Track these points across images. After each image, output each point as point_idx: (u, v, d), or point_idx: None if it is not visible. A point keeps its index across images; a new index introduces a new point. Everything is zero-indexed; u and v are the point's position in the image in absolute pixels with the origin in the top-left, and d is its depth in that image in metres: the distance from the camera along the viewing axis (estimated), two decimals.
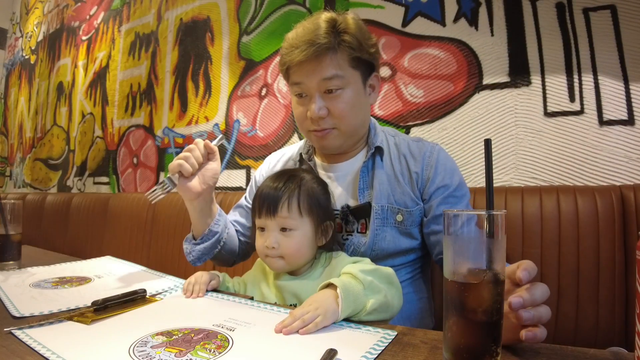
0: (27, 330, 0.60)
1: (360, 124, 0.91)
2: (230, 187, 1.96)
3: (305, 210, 0.79)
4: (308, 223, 0.79)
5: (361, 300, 0.65)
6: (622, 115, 1.12)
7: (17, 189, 3.66)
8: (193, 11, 2.26)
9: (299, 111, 0.90)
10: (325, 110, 0.85)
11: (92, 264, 1.16)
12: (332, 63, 0.83)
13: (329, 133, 0.88)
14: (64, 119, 3.16)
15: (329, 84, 0.84)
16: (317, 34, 0.82)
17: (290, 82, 0.90)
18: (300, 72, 0.86)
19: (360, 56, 0.85)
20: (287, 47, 0.87)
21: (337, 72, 0.83)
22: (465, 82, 1.36)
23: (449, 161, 0.92)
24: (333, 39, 0.83)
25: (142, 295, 0.78)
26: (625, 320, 0.93)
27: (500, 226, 0.46)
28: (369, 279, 0.68)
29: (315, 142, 0.93)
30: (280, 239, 0.78)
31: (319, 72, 0.83)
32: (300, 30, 0.85)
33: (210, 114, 2.10)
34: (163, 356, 0.51)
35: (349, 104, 0.86)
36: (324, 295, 0.64)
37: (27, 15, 3.94)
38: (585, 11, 1.18)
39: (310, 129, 0.89)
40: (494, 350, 0.46)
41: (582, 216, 0.99)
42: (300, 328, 0.58)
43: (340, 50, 0.83)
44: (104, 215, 2.21)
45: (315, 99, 0.85)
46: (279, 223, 0.78)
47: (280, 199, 0.78)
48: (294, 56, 0.84)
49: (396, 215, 0.88)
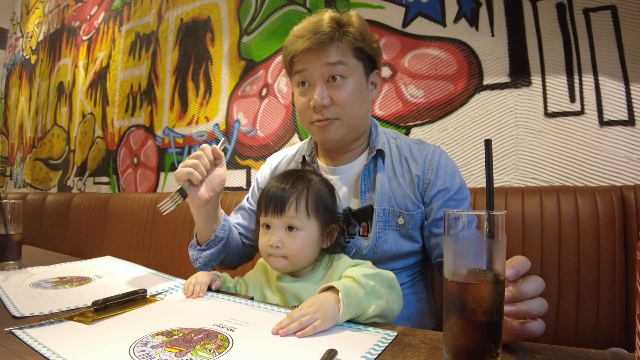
0: (28, 330, 0.60)
1: (363, 117, 0.91)
2: (230, 187, 1.97)
3: (313, 212, 0.78)
4: (314, 224, 0.78)
5: (363, 306, 0.63)
6: (623, 116, 1.12)
7: (17, 189, 3.66)
8: (193, 11, 2.26)
9: (301, 102, 0.90)
10: (328, 99, 0.85)
11: (93, 264, 1.16)
12: (337, 50, 0.84)
13: (331, 123, 0.87)
14: (65, 119, 3.16)
15: (332, 69, 0.84)
16: (321, 24, 0.84)
17: (294, 71, 0.90)
18: (304, 59, 0.86)
19: (363, 47, 0.87)
20: (291, 38, 0.88)
21: (341, 59, 0.84)
22: (466, 82, 1.36)
23: (450, 164, 0.91)
24: (337, 29, 0.85)
25: (142, 295, 0.78)
26: (625, 320, 0.93)
27: (500, 226, 0.46)
28: (371, 284, 0.66)
29: (317, 134, 0.91)
30: (285, 238, 0.77)
31: (323, 57, 0.84)
32: (306, 23, 0.88)
33: (211, 114, 2.10)
34: (163, 356, 0.51)
35: (352, 93, 0.86)
36: (324, 298, 0.63)
37: (27, 15, 3.94)
38: (586, 11, 1.18)
39: (312, 119, 0.88)
40: (494, 350, 0.46)
41: (583, 217, 0.99)
42: (297, 330, 0.58)
43: (344, 40, 0.85)
44: (104, 215, 2.21)
45: (318, 87, 0.85)
46: (286, 222, 0.77)
47: (288, 198, 0.77)
48: (298, 45, 0.85)
49: (398, 219, 0.87)
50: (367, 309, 0.64)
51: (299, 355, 0.52)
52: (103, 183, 2.72)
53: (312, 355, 0.51)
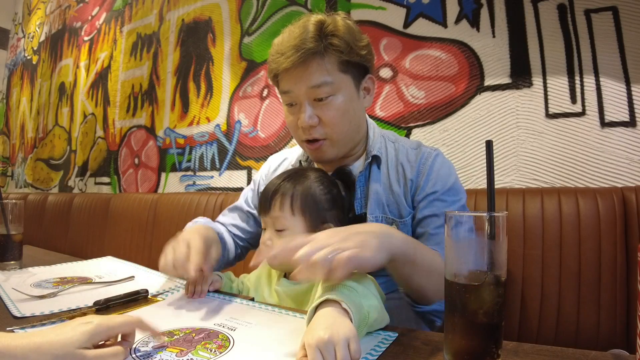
0: (29, 330, 0.60)
1: (354, 131, 0.88)
2: (231, 187, 1.97)
3: (298, 210, 0.76)
4: (300, 223, 0.76)
5: (364, 312, 0.55)
6: (624, 117, 1.12)
7: (18, 189, 3.67)
8: (195, 12, 2.26)
9: (290, 120, 0.88)
10: (315, 118, 0.83)
11: (93, 264, 1.17)
12: (320, 69, 0.80)
13: (321, 145, 0.85)
14: (66, 119, 3.17)
15: (317, 92, 0.81)
16: (304, 39, 0.80)
17: (280, 90, 0.88)
18: (288, 79, 0.83)
19: (349, 59, 0.82)
20: (273, 53, 0.85)
21: (326, 79, 0.81)
22: (467, 83, 1.36)
23: (444, 167, 0.88)
24: (320, 43, 0.80)
25: (144, 295, 0.78)
26: (626, 322, 0.92)
27: (501, 228, 0.46)
28: (361, 287, 0.58)
29: (310, 154, 0.92)
30: (274, 237, 0.77)
31: (306, 79, 0.81)
32: (287, 36, 0.83)
33: (212, 114, 2.11)
34: (164, 356, 0.51)
35: (340, 110, 0.83)
36: (329, 313, 0.52)
37: (29, 16, 3.95)
38: (587, 12, 1.18)
39: (302, 139, 0.87)
40: (494, 351, 0.46)
41: (584, 218, 0.99)
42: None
43: (327, 55, 0.80)
44: (105, 215, 2.22)
45: (304, 107, 0.83)
46: (273, 221, 0.77)
47: (273, 196, 0.77)
48: (280, 63, 0.82)
49: (391, 226, 0.85)
50: (368, 313, 0.56)
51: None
52: (104, 183, 2.72)
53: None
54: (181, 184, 2.20)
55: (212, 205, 1.69)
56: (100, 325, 0.48)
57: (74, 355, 0.44)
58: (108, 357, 0.47)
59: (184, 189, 2.17)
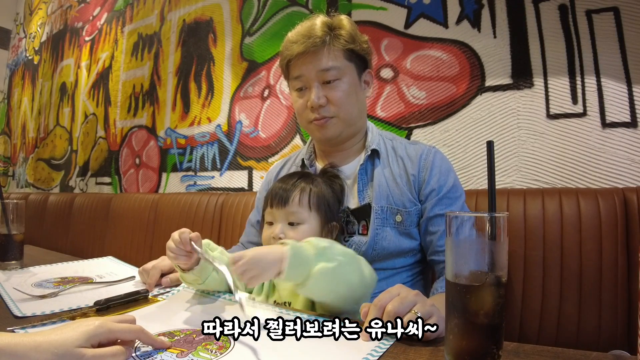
0: (30, 330, 0.60)
1: (358, 114, 0.96)
2: (232, 187, 1.97)
3: (315, 207, 0.83)
4: (315, 219, 0.83)
5: (309, 264, 0.65)
6: (625, 118, 1.12)
7: (19, 189, 3.67)
8: (196, 12, 2.26)
9: (299, 104, 0.96)
10: (324, 98, 0.91)
11: (94, 264, 1.17)
12: (328, 55, 0.90)
13: (328, 121, 0.93)
14: (67, 119, 3.17)
15: (326, 75, 0.91)
16: (314, 29, 0.91)
17: (291, 77, 0.96)
18: (300, 64, 0.92)
19: (353, 48, 0.92)
20: (286, 43, 0.95)
21: (334, 64, 0.90)
22: (468, 84, 1.35)
23: (445, 163, 0.95)
24: (328, 33, 0.91)
25: (144, 295, 0.78)
26: (628, 323, 0.92)
27: (502, 228, 0.46)
28: (323, 245, 0.69)
29: (315, 132, 0.97)
30: (287, 230, 0.81)
31: (316, 63, 0.90)
32: (299, 28, 0.94)
33: (213, 115, 2.11)
34: (165, 356, 0.51)
35: (346, 92, 0.92)
36: (269, 249, 0.66)
37: (30, 16, 3.95)
38: (588, 13, 1.18)
39: (310, 118, 0.94)
40: (495, 352, 0.46)
41: (585, 218, 0.99)
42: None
43: (335, 43, 0.91)
44: (106, 215, 2.22)
45: (314, 88, 0.91)
46: (288, 215, 0.82)
47: (292, 192, 0.83)
48: (293, 49, 0.92)
49: (395, 216, 0.90)
50: (313, 267, 0.65)
51: (299, 356, 0.52)
52: (105, 183, 2.72)
53: (313, 356, 0.51)
54: (182, 184, 2.20)
55: (212, 206, 1.69)
56: (100, 327, 0.48)
57: (72, 353, 0.45)
58: (107, 357, 0.47)
59: (185, 189, 2.17)
